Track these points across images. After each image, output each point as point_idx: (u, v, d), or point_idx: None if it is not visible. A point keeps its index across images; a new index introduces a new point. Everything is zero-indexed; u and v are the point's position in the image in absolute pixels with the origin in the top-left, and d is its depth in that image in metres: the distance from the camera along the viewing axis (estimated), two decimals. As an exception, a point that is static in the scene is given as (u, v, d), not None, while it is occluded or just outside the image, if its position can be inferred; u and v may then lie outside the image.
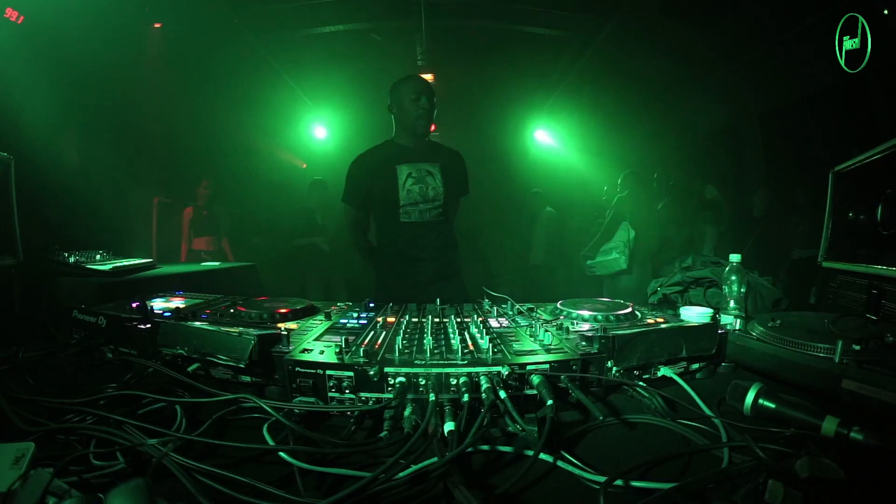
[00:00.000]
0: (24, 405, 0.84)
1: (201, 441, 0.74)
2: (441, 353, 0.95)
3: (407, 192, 2.06)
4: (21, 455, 0.61)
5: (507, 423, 0.78)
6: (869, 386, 0.84)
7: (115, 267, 1.91)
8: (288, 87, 6.19)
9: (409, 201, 2.07)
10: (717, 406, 0.90)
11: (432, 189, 2.08)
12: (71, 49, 3.11)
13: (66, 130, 3.16)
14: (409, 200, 2.07)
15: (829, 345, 0.96)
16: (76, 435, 0.75)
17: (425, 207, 2.08)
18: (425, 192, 2.07)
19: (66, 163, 3.14)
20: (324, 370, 0.89)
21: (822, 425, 0.73)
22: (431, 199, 2.08)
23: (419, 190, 2.06)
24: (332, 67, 5.74)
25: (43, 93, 2.87)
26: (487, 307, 1.48)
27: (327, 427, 0.88)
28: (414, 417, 0.77)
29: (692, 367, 1.13)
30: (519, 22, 4.95)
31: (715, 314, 1.26)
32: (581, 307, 1.32)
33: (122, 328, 1.20)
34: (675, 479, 0.66)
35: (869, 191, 1.63)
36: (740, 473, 0.63)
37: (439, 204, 2.10)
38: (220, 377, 1.03)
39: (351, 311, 1.42)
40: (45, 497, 0.54)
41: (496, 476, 0.70)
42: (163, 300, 1.48)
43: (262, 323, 1.22)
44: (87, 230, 2.92)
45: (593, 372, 0.98)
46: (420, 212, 2.08)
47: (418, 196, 2.07)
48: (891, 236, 1.51)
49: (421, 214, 2.09)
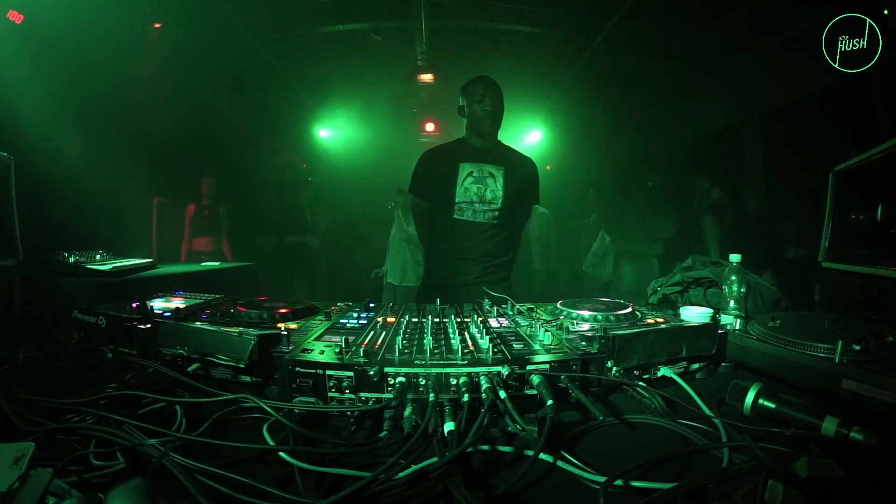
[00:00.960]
0: (24, 405, 0.84)
1: (201, 441, 0.74)
2: (441, 353, 0.95)
3: (464, 189, 2.07)
4: (21, 455, 0.61)
5: (507, 423, 0.78)
6: (869, 386, 0.84)
7: (115, 267, 1.91)
8: (288, 87, 6.19)
9: (465, 199, 2.08)
10: (717, 406, 0.90)
11: (490, 191, 2.08)
12: (71, 49, 3.11)
13: (66, 130, 3.16)
14: (465, 198, 2.08)
15: (829, 345, 0.96)
16: (76, 435, 0.75)
17: (480, 208, 2.08)
18: (483, 193, 2.08)
19: (66, 163, 3.14)
20: (324, 370, 0.89)
21: (822, 425, 0.73)
22: (489, 200, 2.08)
23: (477, 190, 2.07)
24: (332, 67, 5.74)
25: (43, 93, 2.87)
26: (487, 307, 1.48)
27: (327, 427, 0.88)
28: (414, 417, 0.77)
29: (692, 367, 1.12)
30: (519, 22, 4.95)
31: (715, 314, 1.26)
32: (581, 307, 1.32)
33: (122, 328, 1.20)
34: (675, 479, 0.66)
35: (869, 191, 1.63)
36: (740, 473, 0.63)
37: (496, 207, 2.09)
38: (220, 377, 1.03)
39: (351, 311, 1.42)
40: (45, 497, 0.54)
41: (496, 476, 0.70)
42: (163, 300, 1.48)
43: (262, 323, 1.22)
44: (87, 230, 2.91)
45: (593, 372, 0.98)
46: (474, 211, 2.09)
47: (475, 195, 2.07)
48: (891, 236, 1.51)
49: (475, 214, 2.09)
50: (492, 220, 2.10)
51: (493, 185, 2.08)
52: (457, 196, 2.08)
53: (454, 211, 2.10)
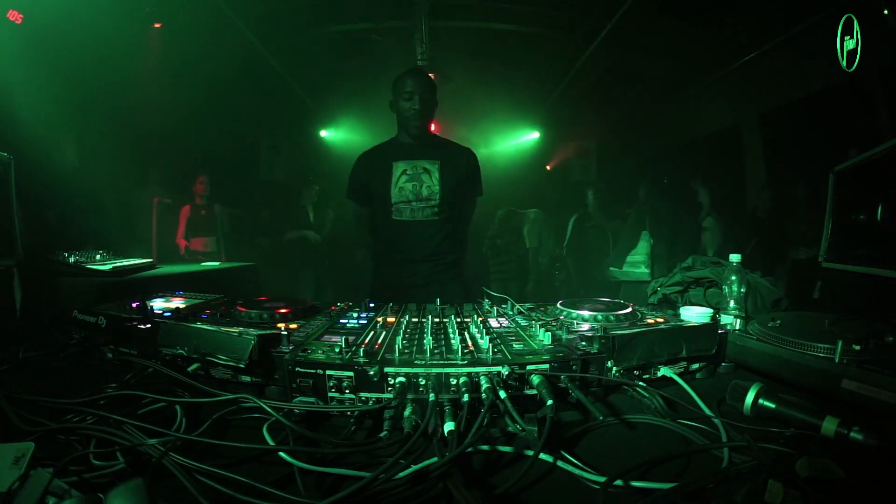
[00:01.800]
0: (24, 405, 0.84)
1: (201, 441, 0.74)
2: (441, 353, 0.95)
3: (399, 189, 2.03)
4: (21, 455, 0.61)
5: (507, 423, 0.78)
6: (869, 386, 0.84)
7: (115, 267, 1.91)
8: (288, 87, 6.19)
9: (401, 199, 2.03)
10: (717, 406, 0.90)
11: (426, 187, 2.02)
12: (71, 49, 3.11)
13: (66, 130, 3.16)
14: (400, 198, 2.03)
15: (829, 345, 0.96)
16: (76, 435, 0.75)
17: (418, 206, 2.03)
18: (419, 191, 2.02)
19: (66, 163, 3.14)
20: (324, 370, 0.89)
21: (822, 425, 0.73)
22: (425, 197, 2.02)
23: (412, 188, 2.02)
24: (331, 67, 5.75)
25: (43, 93, 2.87)
26: (487, 307, 1.48)
27: (327, 427, 0.88)
28: (414, 417, 0.77)
29: (692, 367, 1.12)
30: (519, 22, 4.95)
31: (715, 314, 1.26)
32: (581, 307, 1.32)
33: (122, 328, 1.20)
34: (675, 479, 0.66)
35: (869, 191, 1.63)
36: (740, 473, 0.63)
37: (434, 203, 2.04)
38: (220, 377, 1.03)
39: (351, 311, 1.42)
40: (45, 497, 0.54)
41: (496, 476, 0.70)
42: (163, 300, 1.48)
43: (262, 323, 1.22)
44: (87, 230, 2.92)
45: (593, 372, 0.98)
46: (412, 210, 2.04)
47: (411, 194, 2.02)
48: (891, 236, 1.51)
49: (413, 213, 2.04)
50: (431, 216, 2.04)
51: (429, 180, 2.02)
52: (392, 196, 2.03)
53: (392, 212, 2.05)
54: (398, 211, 2.05)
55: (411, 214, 2.04)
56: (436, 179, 2.03)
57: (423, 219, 2.05)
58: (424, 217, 2.05)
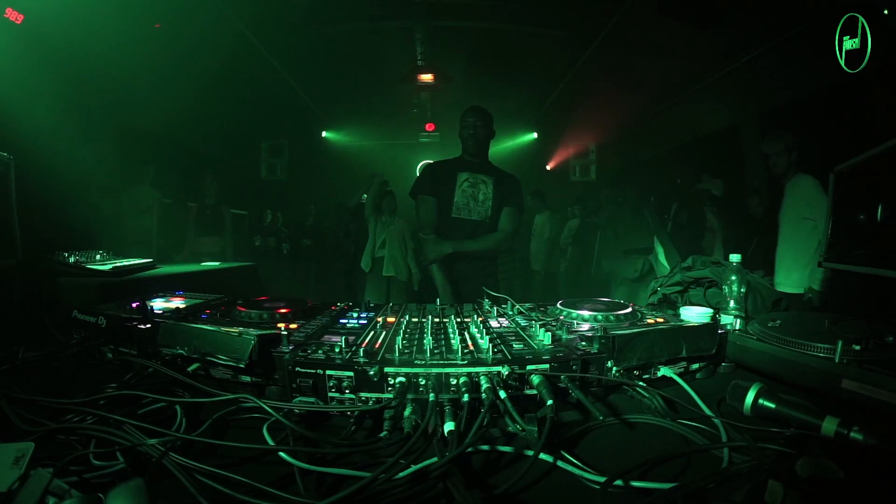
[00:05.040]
0: (24, 405, 0.84)
1: (201, 441, 0.74)
2: (441, 353, 0.95)
3: (462, 191, 2.49)
4: (21, 455, 0.61)
5: (507, 423, 0.78)
6: (869, 386, 0.84)
7: (115, 267, 1.91)
8: (288, 87, 6.19)
9: (462, 200, 2.48)
10: (717, 406, 0.90)
11: (482, 193, 2.50)
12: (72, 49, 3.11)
13: (66, 130, 3.16)
14: (462, 199, 2.48)
15: (829, 345, 0.96)
16: (76, 435, 0.75)
17: (474, 207, 2.49)
18: (476, 195, 2.50)
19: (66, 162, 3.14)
20: (324, 370, 0.89)
21: (822, 425, 0.73)
22: (481, 201, 2.49)
23: (472, 192, 2.50)
24: (332, 67, 5.75)
25: (43, 92, 2.87)
26: (487, 307, 1.48)
27: (327, 427, 0.88)
28: (414, 417, 0.77)
29: (692, 367, 1.12)
30: (519, 22, 4.95)
31: (715, 314, 1.26)
32: (581, 307, 1.32)
33: (122, 328, 1.20)
34: (675, 479, 0.66)
35: (869, 191, 1.63)
36: (740, 473, 0.63)
37: (487, 206, 2.49)
38: (220, 377, 1.03)
39: (351, 311, 1.42)
40: (45, 497, 0.54)
41: (496, 476, 0.70)
42: (163, 300, 1.48)
43: (263, 323, 1.22)
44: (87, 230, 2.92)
45: (593, 372, 0.98)
46: (469, 210, 2.48)
47: (470, 196, 2.49)
48: (891, 236, 1.51)
49: (469, 212, 2.48)
50: (483, 217, 2.50)
51: (485, 189, 2.51)
52: (455, 196, 2.48)
53: (452, 210, 2.48)
54: (458, 209, 2.48)
55: (468, 213, 2.48)
56: (490, 189, 2.51)
57: (476, 218, 2.49)
58: (478, 217, 2.49)
